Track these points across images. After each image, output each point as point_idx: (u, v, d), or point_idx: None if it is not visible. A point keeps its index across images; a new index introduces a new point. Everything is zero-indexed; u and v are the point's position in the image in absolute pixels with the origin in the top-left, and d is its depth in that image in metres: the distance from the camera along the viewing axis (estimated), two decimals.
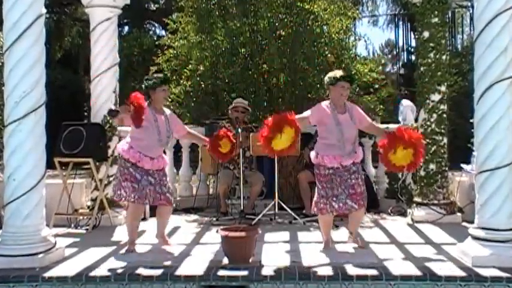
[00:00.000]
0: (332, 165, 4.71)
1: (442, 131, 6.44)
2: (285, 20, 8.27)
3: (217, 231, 4.64)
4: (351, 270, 4.16)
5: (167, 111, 5.12)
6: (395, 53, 34.33)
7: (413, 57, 22.44)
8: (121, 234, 5.83)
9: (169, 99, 8.47)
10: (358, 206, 4.76)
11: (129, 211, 5.06)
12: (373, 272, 4.10)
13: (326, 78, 4.87)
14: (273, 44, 7.98)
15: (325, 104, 4.85)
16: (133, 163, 4.81)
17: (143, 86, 5.01)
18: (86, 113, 19.23)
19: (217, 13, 8.40)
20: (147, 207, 6.70)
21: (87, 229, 6.07)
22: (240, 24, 8.24)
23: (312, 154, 4.87)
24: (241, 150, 6.46)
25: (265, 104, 8.51)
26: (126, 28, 24.03)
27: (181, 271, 4.20)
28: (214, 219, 6.56)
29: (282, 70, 8.26)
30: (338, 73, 4.84)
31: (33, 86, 4.43)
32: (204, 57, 8.41)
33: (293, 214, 6.36)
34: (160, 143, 4.88)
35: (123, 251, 4.95)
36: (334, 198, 4.72)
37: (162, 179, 4.91)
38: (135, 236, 5.05)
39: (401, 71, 26.35)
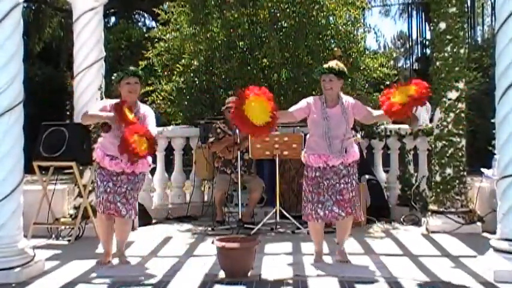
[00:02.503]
0: (318, 165, 4.74)
1: (460, 132, 6.43)
2: (287, 10, 8.27)
3: (212, 242, 4.62)
4: (360, 285, 4.14)
5: (145, 109, 4.95)
6: (408, 46, 34.49)
7: (428, 51, 22.51)
8: None
9: (161, 97, 8.48)
10: (346, 213, 4.75)
11: None
12: (384, 287, 4.07)
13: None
14: (274, 37, 7.97)
15: (317, 97, 4.94)
16: (99, 165, 4.82)
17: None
18: (68, 112, 19.24)
19: (212, 3, 8.39)
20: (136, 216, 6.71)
21: (69, 240, 6.04)
22: (237, 15, 8.23)
23: (302, 153, 4.95)
24: (239, 152, 6.45)
25: None
26: (113, 19, 24.09)
27: (173, 286, 4.18)
28: (210, 228, 6.55)
29: (284, 65, 8.26)
30: (325, 65, 4.91)
31: (10, 83, 4.41)
32: (199, 51, 8.40)
33: (296, 223, 6.35)
34: (118, 137, 4.65)
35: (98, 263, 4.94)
36: (320, 205, 4.74)
37: (123, 186, 4.77)
38: (107, 247, 4.97)
39: (415, 66, 26.45)
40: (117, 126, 4.65)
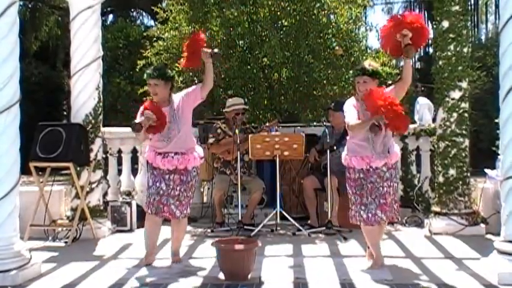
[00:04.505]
0: (360, 167, 4.71)
1: (463, 132, 6.42)
2: (288, 8, 8.27)
3: (212, 244, 4.62)
4: (362, 287, 4.14)
5: (178, 97, 5.10)
6: None
7: (431, 50, 22.46)
8: (104, 247, 5.82)
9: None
10: (387, 218, 4.76)
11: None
12: None
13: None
14: (275, 36, 7.97)
15: (354, 98, 4.86)
16: (152, 165, 4.93)
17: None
18: (65, 112, 19.24)
19: (212, 1, 8.40)
20: (134, 217, 6.72)
21: (66, 242, 6.03)
22: (237, 13, 8.23)
23: (343, 155, 4.90)
24: (238, 153, 6.44)
25: (265, 102, 8.50)
26: (111, 17, 24.07)
27: None
28: (209, 230, 6.54)
29: (285, 64, 8.26)
30: (358, 66, 4.88)
31: (6, 83, 4.41)
32: None
33: (297, 225, 6.34)
34: (162, 137, 4.88)
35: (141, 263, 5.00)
36: (363, 207, 4.71)
37: (177, 188, 4.89)
38: (151, 249, 5.08)
39: (418, 65, 26.38)
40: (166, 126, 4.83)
